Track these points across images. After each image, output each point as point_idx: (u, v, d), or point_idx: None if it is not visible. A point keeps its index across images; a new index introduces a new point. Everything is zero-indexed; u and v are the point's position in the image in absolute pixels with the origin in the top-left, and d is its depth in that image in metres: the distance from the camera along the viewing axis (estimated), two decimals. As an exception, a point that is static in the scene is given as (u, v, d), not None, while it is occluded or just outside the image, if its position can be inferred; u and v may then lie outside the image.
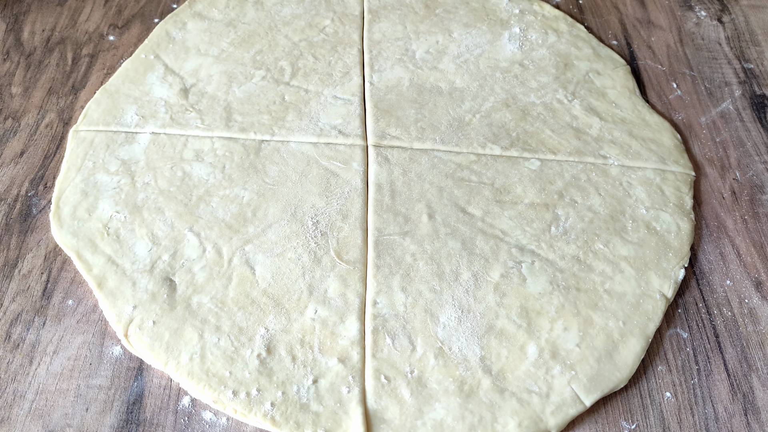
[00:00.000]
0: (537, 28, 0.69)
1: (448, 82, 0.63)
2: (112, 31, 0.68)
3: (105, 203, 0.53)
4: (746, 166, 0.59)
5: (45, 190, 0.55)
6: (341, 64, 0.64)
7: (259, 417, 0.43)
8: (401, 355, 0.46)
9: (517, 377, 0.45)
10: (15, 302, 0.49)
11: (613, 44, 0.70)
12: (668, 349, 0.48)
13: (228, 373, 0.44)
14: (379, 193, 0.54)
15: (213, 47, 0.65)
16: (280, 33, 0.67)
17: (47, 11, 0.70)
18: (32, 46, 0.67)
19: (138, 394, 0.45)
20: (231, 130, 0.58)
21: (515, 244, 0.51)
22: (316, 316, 0.47)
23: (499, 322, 0.47)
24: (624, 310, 0.48)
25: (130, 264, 0.49)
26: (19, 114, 0.60)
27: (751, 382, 0.46)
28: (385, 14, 0.69)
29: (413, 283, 0.49)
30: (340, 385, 0.44)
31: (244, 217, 0.52)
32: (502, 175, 0.56)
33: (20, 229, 0.53)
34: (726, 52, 0.69)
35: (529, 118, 0.60)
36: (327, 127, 0.59)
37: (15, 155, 0.57)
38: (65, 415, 0.43)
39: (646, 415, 0.45)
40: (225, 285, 0.48)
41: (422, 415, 0.43)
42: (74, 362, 0.46)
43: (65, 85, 0.63)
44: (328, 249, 0.51)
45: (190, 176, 0.55)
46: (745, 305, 0.50)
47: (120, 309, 0.47)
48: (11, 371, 0.45)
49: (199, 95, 0.61)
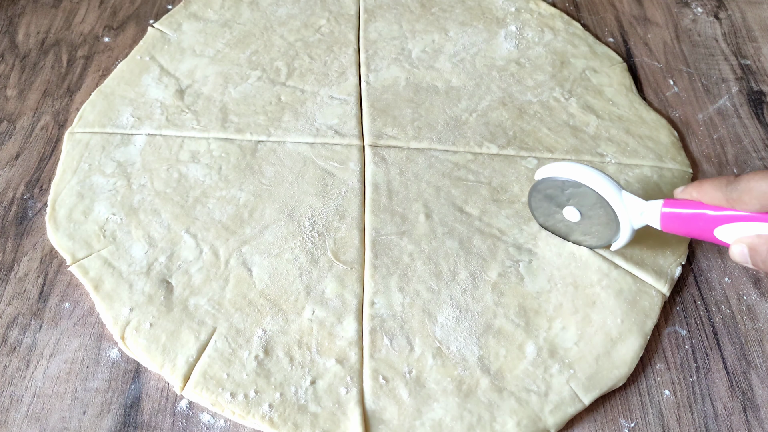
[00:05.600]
0: (533, 26, 0.68)
1: (444, 81, 0.63)
2: (107, 32, 0.68)
3: (101, 205, 0.52)
4: (744, 162, 0.59)
5: (41, 192, 0.55)
6: (337, 64, 0.64)
7: (258, 419, 0.42)
8: (399, 355, 0.45)
9: (516, 376, 0.45)
10: (11, 306, 0.48)
11: (609, 42, 0.70)
12: (667, 347, 0.48)
13: (225, 375, 0.44)
14: (376, 193, 0.54)
15: (208, 48, 0.65)
16: (275, 33, 0.67)
17: (42, 13, 0.70)
18: (27, 48, 0.66)
19: (135, 396, 0.44)
20: (227, 131, 0.58)
21: (513, 243, 0.51)
22: (314, 317, 0.47)
23: (497, 322, 0.47)
24: (621, 307, 0.48)
25: (127, 266, 0.49)
26: (15, 116, 0.60)
27: (750, 380, 0.46)
28: (381, 13, 0.69)
29: (411, 283, 0.49)
30: (338, 385, 0.44)
31: (240, 219, 0.52)
32: (499, 174, 0.55)
33: (16, 232, 0.53)
34: (723, 49, 0.69)
35: (526, 116, 0.60)
36: (323, 128, 0.58)
37: (10, 158, 0.57)
38: (62, 418, 0.43)
39: (645, 413, 0.45)
40: (222, 287, 0.48)
41: (421, 415, 0.43)
42: (71, 365, 0.46)
43: (60, 87, 0.63)
44: (325, 250, 0.51)
45: (186, 178, 0.55)
46: (743, 302, 0.50)
47: (117, 311, 0.47)
48: (8, 375, 0.45)
49: (194, 96, 0.61)
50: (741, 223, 0.40)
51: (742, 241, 0.40)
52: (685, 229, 0.43)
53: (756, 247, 0.39)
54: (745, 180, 0.39)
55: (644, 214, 0.44)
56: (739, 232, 0.40)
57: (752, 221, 0.39)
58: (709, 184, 0.41)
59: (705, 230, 0.42)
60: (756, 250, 0.39)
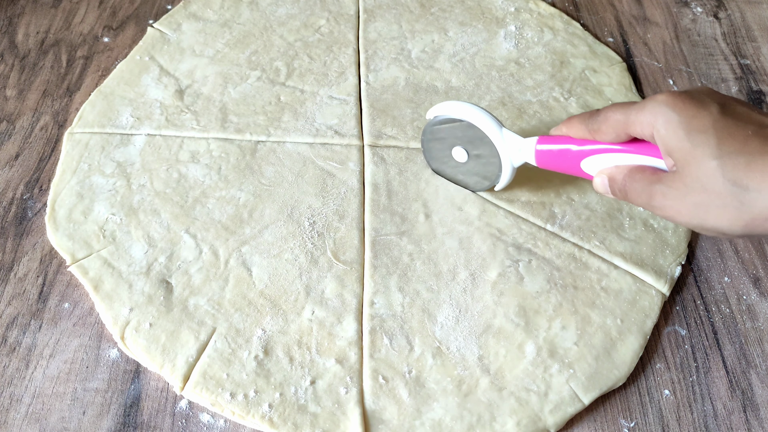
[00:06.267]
0: (533, 26, 0.68)
1: (444, 81, 0.63)
2: (106, 32, 0.68)
3: (100, 206, 0.52)
4: (743, 162, 0.59)
5: (40, 192, 0.55)
6: (337, 64, 0.64)
7: (257, 419, 0.42)
8: (399, 355, 0.45)
9: (516, 376, 0.45)
10: (11, 306, 0.48)
11: (609, 41, 0.70)
12: (667, 346, 0.48)
13: (225, 375, 0.44)
14: (376, 193, 0.54)
15: (208, 48, 0.65)
16: (275, 33, 0.67)
17: (41, 13, 0.70)
18: (26, 49, 0.66)
19: (135, 396, 0.44)
20: (227, 131, 0.58)
21: (512, 242, 0.51)
22: (314, 317, 0.47)
23: (496, 321, 0.47)
24: (621, 307, 0.48)
25: (127, 266, 0.49)
26: (14, 117, 0.60)
27: (750, 379, 0.46)
28: (380, 13, 0.69)
29: (410, 282, 0.49)
30: (337, 385, 0.44)
31: (240, 219, 0.52)
32: (498, 173, 0.55)
33: (15, 232, 0.53)
34: (722, 48, 0.69)
35: (526, 116, 0.60)
36: (323, 128, 0.58)
37: (10, 158, 0.57)
38: (62, 418, 0.43)
39: (645, 413, 0.45)
40: (222, 287, 0.48)
41: (420, 415, 0.43)
42: (71, 365, 0.46)
43: (60, 88, 0.63)
44: (325, 250, 0.51)
45: (186, 178, 0.55)
46: (743, 302, 0.50)
47: (116, 311, 0.47)
48: (8, 375, 0.45)
49: (194, 96, 0.61)
50: (602, 155, 0.42)
51: (602, 172, 0.42)
52: (556, 164, 0.46)
53: (614, 177, 0.41)
54: (603, 112, 0.41)
55: (522, 151, 0.47)
56: (601, 164, 0.42)
57: (611, 153, 0.42)
58: (576, 119, 0.43)
59: (573, 164, 0.44)
60: (614, 179, 0.42)
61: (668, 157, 0.37)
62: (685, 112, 0.36)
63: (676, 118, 0.36)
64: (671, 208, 0.38)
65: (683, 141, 0.36)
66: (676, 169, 0.37)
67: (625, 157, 0.41)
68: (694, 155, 0.35)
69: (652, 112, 0.37)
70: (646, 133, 0.38)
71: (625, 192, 0.41)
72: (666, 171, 0.39)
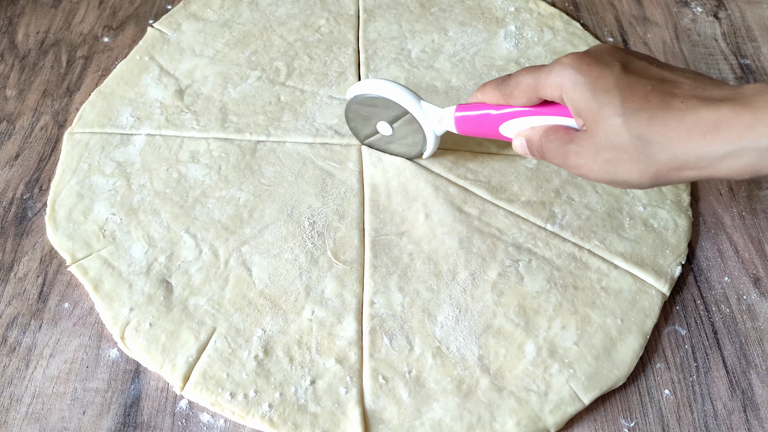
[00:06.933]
0: (533, 25, 0.68)
1: (444, 81, 0.63)
2: (106, 32, 0.68)
3: (100, 205, 0.52)
4: (743, 162, 0.59)
5: (40, 192, 0.55)
6: (337, 64, 0.64)
7: (257, 418, 0.42)
8: (399, 355, 0.45)
9: (516, 376, 0.45)
10: (11, 306, 0.48)
11: (609, 41, 0.69)
12: (667, 346, 0.48)
13: (225, 375, 0.44)
14: (375, 193, 0.54)
15: (208, 48, 0.65)
16: (275, 33, 0.67)
17: (41, 13, 0.70)
18: (26, 49, 0.66)
19: (135, 396, 0.44)
20: (226, 131, 0.58)
21: (512, 242, 0.51)
22: (314, 317, 0.47)
23: (496, 321, 0.47)
24: (621, 307, 0.48)
25: (126, 266, 0.49)
26: (14, 116, 0.60)
27: (750, 379, 0.46)
28: (380, 13, 0.69)
29: (410, 282, 0.49)
30: (337, 385, 0.44)
31: (240, 219, 0.52)
32: (498, 173, 0.55)
33: (15, 232, 0.53)
34: (722, 48, 0.69)
35: (526, 116, 0.60)
36: (323, 128, 0.58)
37: (10, 158, 0.57)
38: (62, 418, 0.43)
39: (645, 412, 0.45)
40: (222, 287, 0.48)
41: (420, 414, 0.43)
42: (71, 365, 0.46)
43: (60, 88, 0.63)
44: (325, 249, 0.51)
45: (186, 178, 0.55)
46: (743, 302, 0.50)
47: (116, 311, 0.47)
48: (7, 375, 0.45)
49: (194, 96, 0.61)
50: (519, 118, 0.44)
51: (520, 134, 0.44)
52: (476, 130, 0.47)
53: (531, 138, 0.44)
54: (514, 77, 0.42)
55: (443, 120, 0.49)
56: (518, 127, 0.44)
57: (526, 116, 0.43)
58: (489, 85, 0.45)
59: (492, 129, 0.46)
60: (531, 140, 0.44)
61: (578, 117, 0.39)
62: (589, 74, 0.38)
63: (582, 79, 0.38)
64: (584, 166, 0.39)
65: (590, 102, 0.37)
66: (586, 128, 0.39)
67: (540, 119, 0.43)
68: (601, 115, 0.37)
69: (560, 75, 0.39)
70: (555, 96, 0.40)
71: (543, 152, 0.43)
72: (578, 130, 0.40)
